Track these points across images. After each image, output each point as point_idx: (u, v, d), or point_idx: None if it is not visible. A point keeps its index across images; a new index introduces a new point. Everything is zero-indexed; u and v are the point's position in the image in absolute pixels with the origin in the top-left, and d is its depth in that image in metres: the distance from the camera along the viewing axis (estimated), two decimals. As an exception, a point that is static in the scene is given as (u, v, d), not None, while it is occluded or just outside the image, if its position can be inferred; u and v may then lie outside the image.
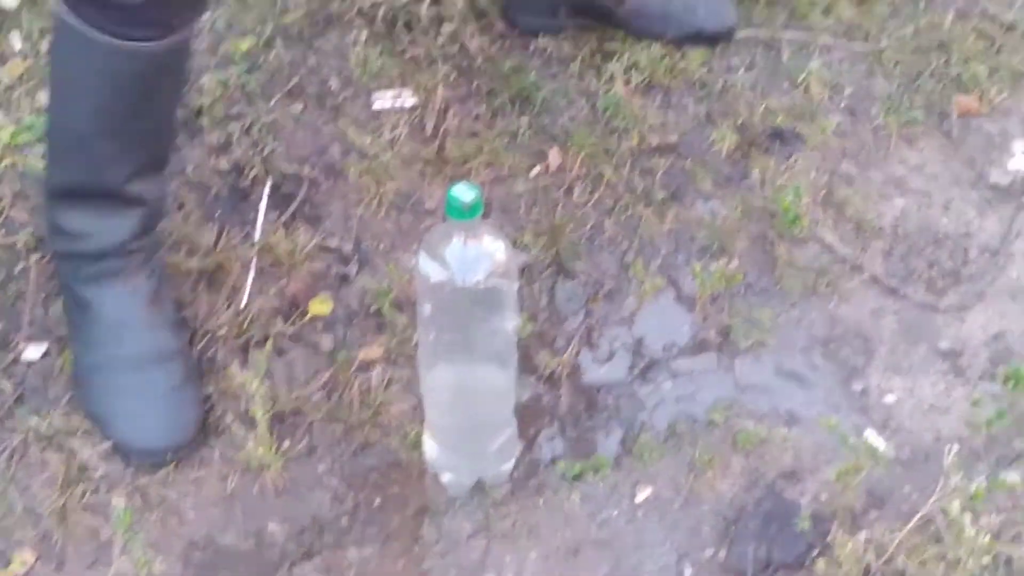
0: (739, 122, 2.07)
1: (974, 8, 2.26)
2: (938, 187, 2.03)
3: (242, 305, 1.83)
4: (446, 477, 1.67)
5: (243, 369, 1.74)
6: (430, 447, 1.67)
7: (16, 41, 2.09)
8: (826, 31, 2.21)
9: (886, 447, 1.71)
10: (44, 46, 2.06)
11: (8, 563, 1.61)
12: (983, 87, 2.14)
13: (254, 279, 1.86)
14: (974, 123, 2.11)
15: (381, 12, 2.14)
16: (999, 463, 1.70)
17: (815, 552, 1.62)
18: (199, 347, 1.78)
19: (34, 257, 1.85)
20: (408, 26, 2.14)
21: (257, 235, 1.91)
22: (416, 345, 1.68)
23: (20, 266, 1.84)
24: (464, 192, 1.42)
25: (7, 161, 1.93)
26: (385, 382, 1.76)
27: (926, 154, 2.07)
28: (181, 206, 1.92)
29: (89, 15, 1.52)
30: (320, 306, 1.84)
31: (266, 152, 1.98)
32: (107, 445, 1.69)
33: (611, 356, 1.83)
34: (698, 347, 1.84)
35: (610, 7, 2.12)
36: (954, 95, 2.13)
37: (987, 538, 1.51)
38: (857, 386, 1.80)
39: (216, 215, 1.93)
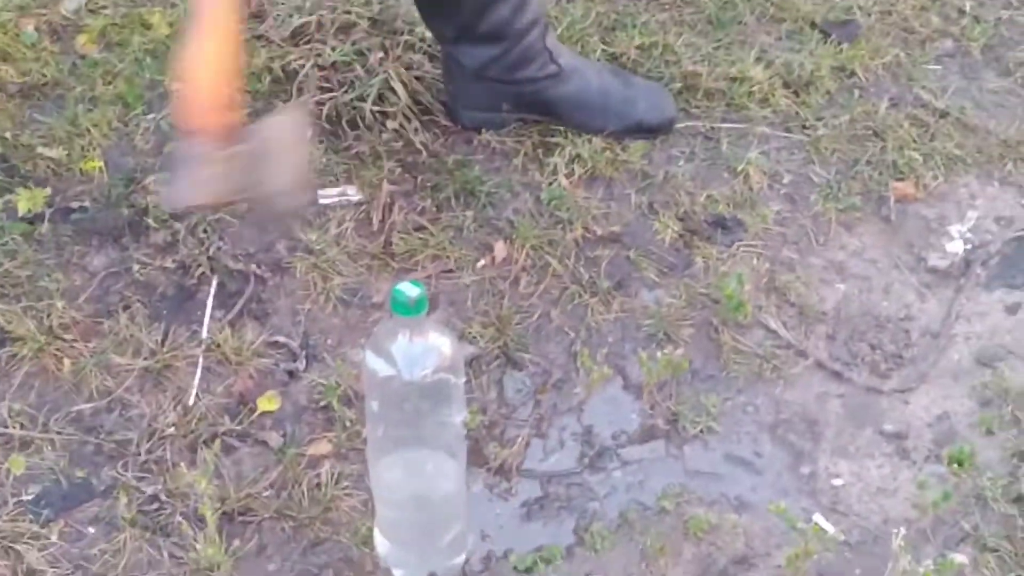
0: (681, 211, 2.10)
1: (907, 96, 2.31)
2: (878, 271, 2.06)
3: (189, 404, 1.83)
4: (398, 572, 1.66)
5: (191, 468, 1.73)
6: (381, 542, 1.66)
7: None
8: (764, 121, 2.25)
9: (835, 531, 1.72)
10: None
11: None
12: (918, 173, 2.18)
13: (201, 377, 1.86)
14: (911, 208, 2.15)
15: (325, 110, 2.16)
16: (947, 544, 1.71)
17: (768, 638, 1.62)
18: (146, 447, 1.77)
19: None
20: (352, 123, 2.16)
21: (204, 333, 1.91)
22: (365, 440, 1.68)
23: None
24: (409, 289, 1.43)
25: None
26: (335, 478, 1.76)
27: (865, 239, 2.10)
28: (127, 306, 1.92)
29: None
30: (268, 403, 1.84)
31: (212, 250, 1.99)
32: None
33: (561, 446, 1.83)
34: (647, 435, 1.84)
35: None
36: (891, 181, 2.17)
37: (937, 620, 1.52)
38: (805, 470, 1.81)
39: (162, 314, 1.93)
